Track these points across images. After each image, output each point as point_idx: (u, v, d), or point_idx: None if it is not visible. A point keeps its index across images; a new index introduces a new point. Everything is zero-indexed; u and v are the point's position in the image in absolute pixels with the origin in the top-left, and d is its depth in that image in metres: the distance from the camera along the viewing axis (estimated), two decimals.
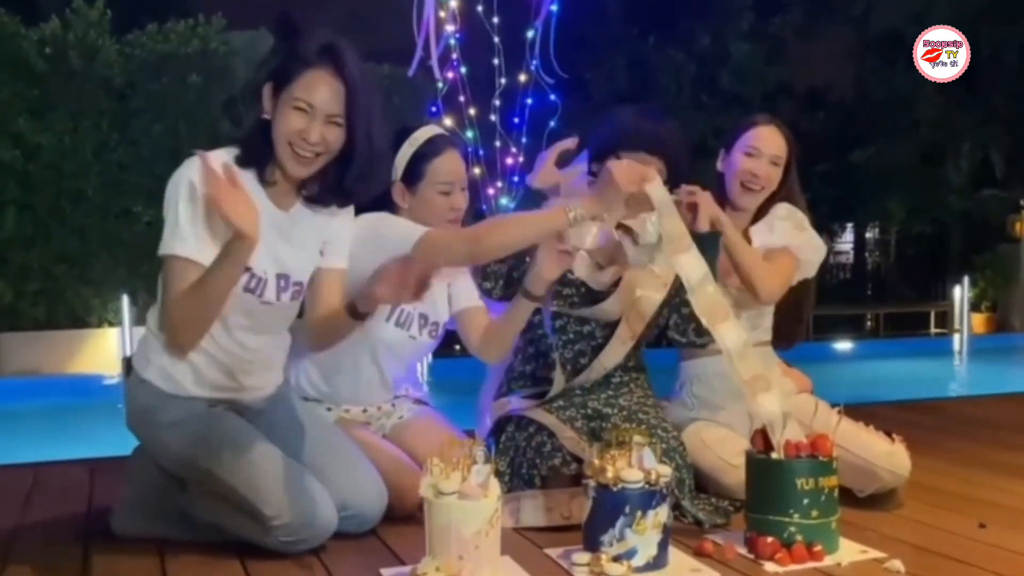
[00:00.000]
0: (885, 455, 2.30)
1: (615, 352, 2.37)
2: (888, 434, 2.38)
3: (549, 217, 2.07)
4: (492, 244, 2.08)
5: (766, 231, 2.46)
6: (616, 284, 2.38)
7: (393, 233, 2.16)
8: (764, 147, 2.45)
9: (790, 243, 2.43)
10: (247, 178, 1.94)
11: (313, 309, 2.12)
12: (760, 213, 2.50)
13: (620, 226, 2.33)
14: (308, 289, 2.10)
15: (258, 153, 1.97)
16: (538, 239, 2.11)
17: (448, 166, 2.28)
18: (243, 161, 1.96)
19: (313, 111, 1.92)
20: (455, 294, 2.39)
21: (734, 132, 2.53)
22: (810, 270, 2.50)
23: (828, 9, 13.23)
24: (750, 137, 2.47)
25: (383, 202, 2.26)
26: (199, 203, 1.88)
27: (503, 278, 2.42)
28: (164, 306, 1.95)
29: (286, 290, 2.03)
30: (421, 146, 2.27)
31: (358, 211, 2.19)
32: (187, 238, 1.89)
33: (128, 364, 2.10)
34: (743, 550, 1.97)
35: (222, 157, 1.93)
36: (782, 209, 2.48)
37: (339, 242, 2.12)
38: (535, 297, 2.19)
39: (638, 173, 2.05)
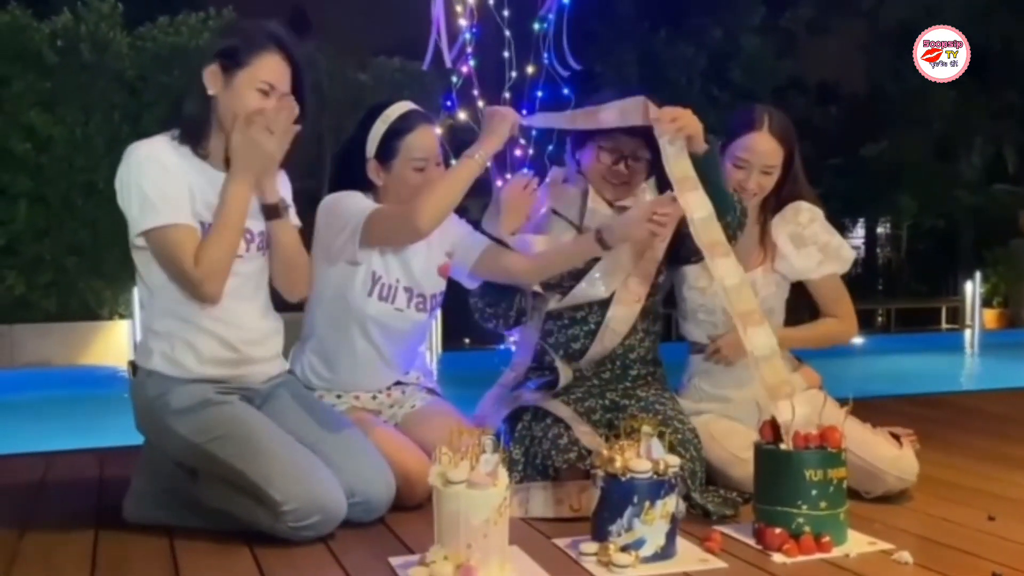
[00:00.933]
0: (892, 460, 2.29)
1: (623, 317, 2.38)
2: (896, 437, 2.37)
3: (466, 169, 2.18)
4: (426, 209, 2.14)
5: (793, 243, 2.43)
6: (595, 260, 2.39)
7: (343, 208, 2.24)
8: (753, 158, 2.41)
9: (832, 269, 2.45)
10: (183, 154, 2.06)
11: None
12: (775, 204, 2.49)
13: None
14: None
15: (201, 129, 2.07)
16: (460, 190, 2.19)
17: (421, 141, 2.29)
18: (185, 138, 2.07)
19: (272, 91, 2.05)
20: (461, 253, 2.39)
21: (731, 127, 2.47)
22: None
23: (839, 3, 13.14)
24: (739, 147, 2.42)
25: (358, 181, 2.30)
26: (161, 174, 2.00)
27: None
28: (181, 273, 2.01)
29: (252, 241, 2.11)
30: (394, 122, 2.29)
31: (331, 190, 2.29)
32: (165, 207, 1.99)
33: (132, 366, 2.14)
34: (751, 541, 1.97)
35: (160, 143, 2.05)
36: (804, 213, 2.45)
37: (288, 196, 2.20)
38: (605, 245, 2.23)
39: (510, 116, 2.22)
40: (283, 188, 2.20)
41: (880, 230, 15.25)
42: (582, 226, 2.42)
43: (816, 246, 2.44)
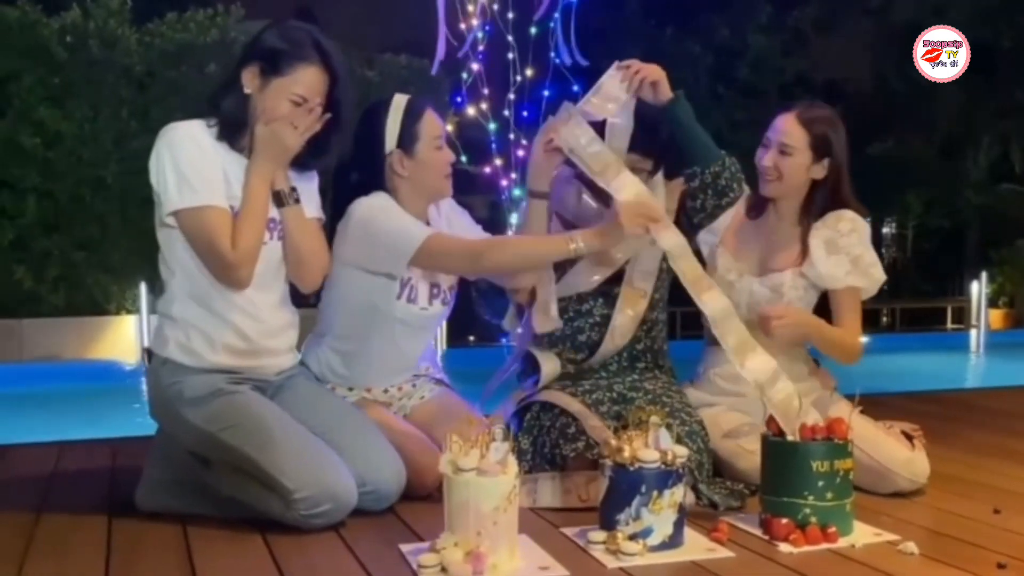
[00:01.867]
0: (904, 462, 2.29)
1: (629, 319, 2.40)
2: (908, 437, 2.38)
3: (552, 246, 2.23)
4: (492, 263, 2.25)
5: (826, 250, 2.40)
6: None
7: (391, 225, 2.23)
8: (772, 134, 2.42)
9: (857, 283, 2.40)
10: (220, 148, 2.09)
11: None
12: (818, 209, 2.44)
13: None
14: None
15: (236, 125, 2.10)
16: (536, 265, 2.28)
17: (433, 121, 2.35)
18: (223, 132, 2.09)
19: (304, 104, 2.08)
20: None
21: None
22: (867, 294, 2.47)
23: (847, 2, 13.14)
24: (767, 129, 2.46)
25: (369, 182, 2.31)
26: (199, 155, 2.03)
27: None
28: (218, 256, 2.04)
29: (275, 228, 2.14)
30: (404, 112, 2.32)
31: (348, 197, 2.28)
32: (202, 187, 2.02)
33: (148, 353, 2.16)
34: (758, 531, 1.99)
35: (197, 126, 2.08)
36: (845, 222, 2.42)
37: (311, 195, 2.24)
38: (579, 253, 2.23)
39: (645, 216, 2.17)
40: (307, 178, 2.24)
41: (886, 229, 15.23)
42: (575, 221, 2.42)
43: (849, 257, 2.39)
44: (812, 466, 1.93)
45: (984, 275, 10.45)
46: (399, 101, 2.33)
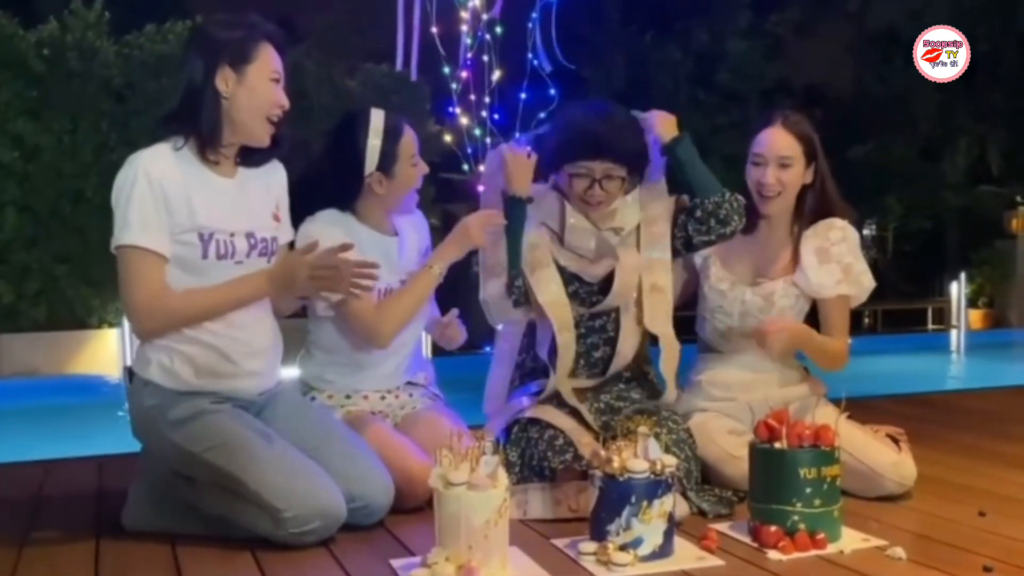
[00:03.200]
0: (892, 465, 2.31)
1: (630, 338, 2.40)
2: (894, 440, 2.40)
3: (422, 284, 2.36)
4: (389, 326, 2.32)
5: (817, 259, 2.41)
6: (610, 276, 2.40)
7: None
8: (767, 152, 2.42)
9: (847, 291, 2.42)
10: (186, 162, 2.06)
11: None
12: (808, 217, 2.46)
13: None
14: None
15: (217, 135, 2.08)
16: (421, 307, 2.39)
17: (411, 139, 2.38)
18: (198, 146, 2.07)
19: (280, 79, 2.09)
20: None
21: (755, 127, 2.51)
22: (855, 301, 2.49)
23: (826, 6, 13.25)
24: (754, 145, 2.46)
25: (344, 195, 2.34)
26: (155, 195, 2.00)
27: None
28: (130, 297, 2.03)
29: (255, 247, 2.12)
30: (384, 133, 2.33)
31: (311, 207, 2.32)
32: (147, 229, 1.99)
33: (129, 372, 2.14)
34: (747, 539, 2.00)
35: (158, 156, 2.04)
36: (836, 231, 2.44)
37: (284, 204, 2.25)
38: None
39: (487, 222, 2.32)
40: (280, 182, 2.24)
41: (866, 231, 15.32)
42: (564, 239, 2.40)
43: (839, 265, 2.41)
44: (800, 473, 1.95)
45: (963, 276, 10.55)
46: (377, 121, 2.33)
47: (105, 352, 7.74)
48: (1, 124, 7.43)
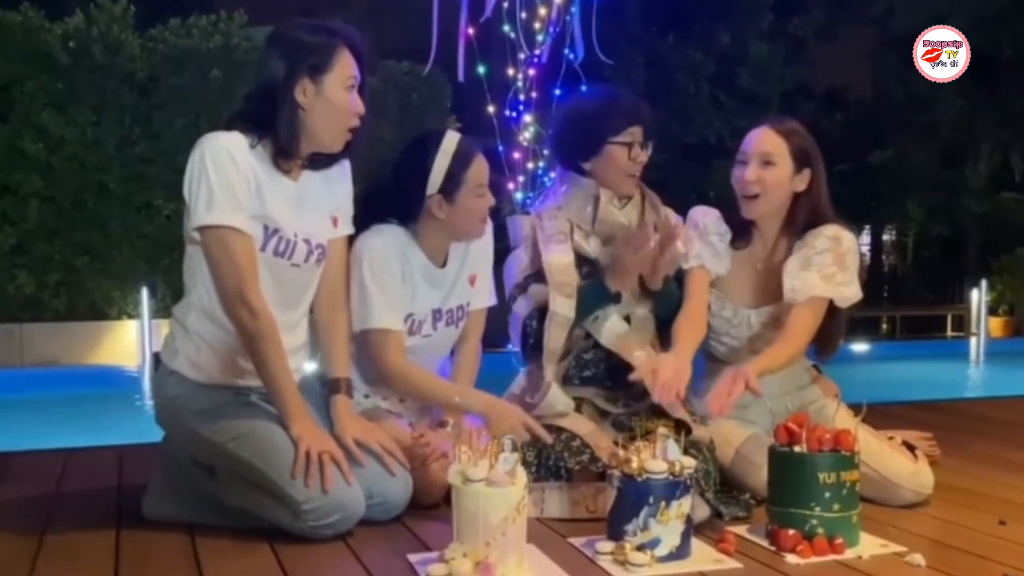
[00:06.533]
0: (909, 475, 2.29)
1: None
2: (911, 448, 2.38)
3: (439, 392, 2.32)
4: (398, 385, 2.32)
5: (798, 266, 2.33)
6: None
7: (360, 289, 2.27)
8: (750, 149, 2.36)
9: (821, 294, 2.30)
10: (260, 168, 2.04)
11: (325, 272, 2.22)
12: (801, 222, 2.38)
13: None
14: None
15: (292, 146, 2.06)
16: (423, 400, 2.37)
17: (481, 167, 2.31)
18: (278, 156, 2.06)
19: (356, 84, 2.08)
20: (475, 288, 2.44)
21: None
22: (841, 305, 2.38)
23: (848, 10, 13.18)
24: (740, 146, 2.40)
25: (406, 211, 2.31)
26: (236, 173, 1.99)
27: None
28: (221, 279, 2.01)
29: (312, 253, 2.13)
30: (454, 156, 2.28)
31: (373, 219, 2.30)
32: (228, 208, 1.98)
33: (156, 359, 2.15)
34: (764, 542, 1.99)
35: (237, 141, 2.03)
36: (822, 240, 2.34)
37: (347, 208, 2.25)
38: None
39: (529, 429, 2.22)
40: (344, 184, 2.23)
41: (886, 237, 15.28)
42: (594, 230, 2.43)
43: (820, 274, 2.30)
44: (819, 477, 1.94)
45: (984, 283, 10.48)
46: (450, 143, 2.28)
47: (125, 343, 7.81)
48: (26, 116, 7.52)
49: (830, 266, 2.32)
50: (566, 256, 2.39)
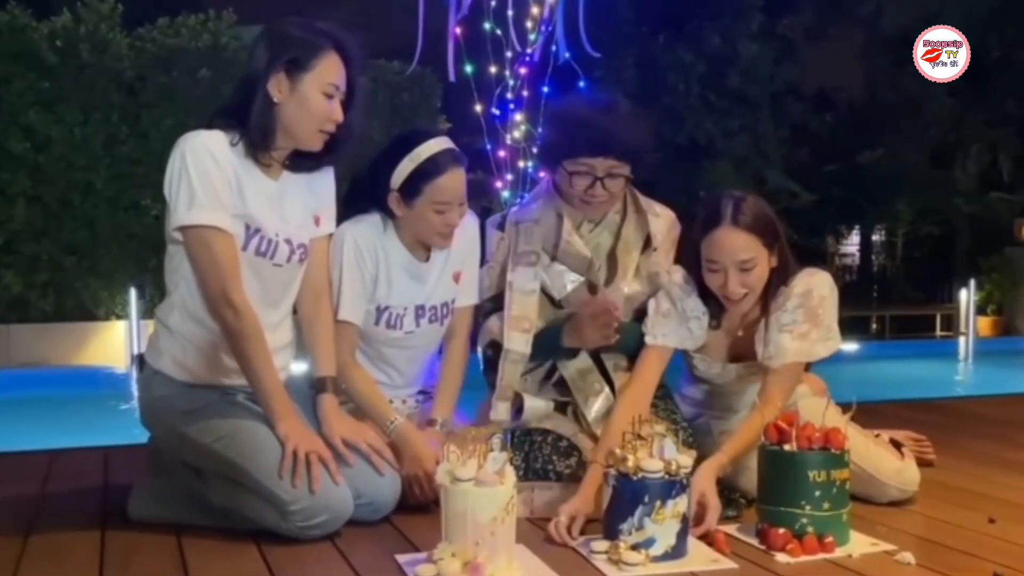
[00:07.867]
0: (895, 472, 2.29)
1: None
2: (897, 446, 2.38)
3: (376, 408, 2.27)
4: (344, 382, 2.26)
5: (773, 329, 2.23)
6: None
7: (335, 277, 2.26)
8: (723, 257, 2.17)
9: (793, 359, 2.22)
10: (241, 164, 2.03)
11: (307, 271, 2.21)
12: (774, 287, 2.26)
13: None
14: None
15: (269, 140, 2.05)
16: (360, 406, 2.28)
17: (448, 185, 2.22)
18: (251, 148, 2.05)
19: (337, 93, 2.05)
20: (460, 285, 2.42)
21: (700, 221, 2.22)
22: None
23: (838, 10, 13.21)
24: (706, 248, 2.19)
25: (377, 203, 2.29)
26: (217, 171, 1.98)
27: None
28: (204, 278, 2.00)
29: (294, 253, 2.11)
30: (421, 164, 2.22)
31: (347, 212, 2.28)
32: (210, 207, 1.97)
33: (140, 360, 2.13)
34: (755, 541, 1.99)
35: (217, 139, 2.02)
36: (794, 299, 2.22)
37: (330, 208, 2.23)
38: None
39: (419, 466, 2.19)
40: (327, 183, 2.21)
41: (875, 237, 15.31)
42: (557, 256, 2.33)
43: (791, 335, 2.21)
44: (809, 476, 1.93)
45: (973, 283, 10.52)
46: (422, 151, 2.21)
47: (112, 344, 7.77)
48: (13, 115, 7.47)
49: (803, 324, 2.22)
50: (530, 283, 2.30)
